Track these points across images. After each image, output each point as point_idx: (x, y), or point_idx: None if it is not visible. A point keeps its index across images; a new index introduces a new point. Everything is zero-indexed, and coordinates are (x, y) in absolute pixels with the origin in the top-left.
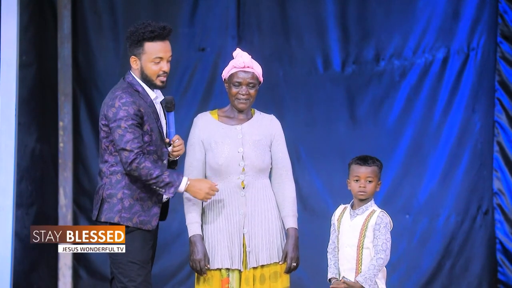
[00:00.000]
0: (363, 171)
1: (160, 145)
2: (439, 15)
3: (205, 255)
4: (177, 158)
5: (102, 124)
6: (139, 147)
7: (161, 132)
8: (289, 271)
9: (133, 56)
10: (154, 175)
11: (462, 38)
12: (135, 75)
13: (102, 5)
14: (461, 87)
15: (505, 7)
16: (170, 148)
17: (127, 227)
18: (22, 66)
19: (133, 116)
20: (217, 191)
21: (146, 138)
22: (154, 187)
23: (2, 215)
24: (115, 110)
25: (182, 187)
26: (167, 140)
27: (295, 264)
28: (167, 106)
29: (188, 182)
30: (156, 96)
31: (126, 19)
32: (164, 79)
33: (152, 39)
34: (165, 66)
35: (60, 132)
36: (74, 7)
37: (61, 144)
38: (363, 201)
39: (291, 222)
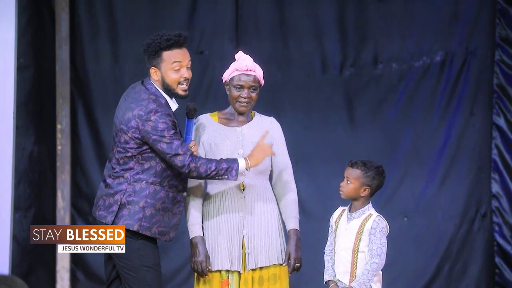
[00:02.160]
0: (346, 171)
1: None
2: (437, 18)
3: (207, 256)
4: None
5: (134, 136)
6: (188, 149)
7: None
8: (292, 271)
9: (153, 68)
10: (213, 167)
11: (460, 41)
12: (157, 87)
13: (100, 8)
14: (459, 90)
15: (503, 10)
16: None
17: (139, 233)
18: (20, 68)
19: (172, 126)
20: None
21: None
22: (216, 178)
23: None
24: (153, 124)
25: (242, 167)
26: None
27: (298, 264)
28: (190, 113)
29: (249, 161)
30: (177, 107)
31: (124, 22)
32: (186, 87)
33: (169, 47)
34: (185, 73)
35: (58, 135)
36: (72, 10)
37: (59, 147)
38: (358, 203)
39: (293, 223)
